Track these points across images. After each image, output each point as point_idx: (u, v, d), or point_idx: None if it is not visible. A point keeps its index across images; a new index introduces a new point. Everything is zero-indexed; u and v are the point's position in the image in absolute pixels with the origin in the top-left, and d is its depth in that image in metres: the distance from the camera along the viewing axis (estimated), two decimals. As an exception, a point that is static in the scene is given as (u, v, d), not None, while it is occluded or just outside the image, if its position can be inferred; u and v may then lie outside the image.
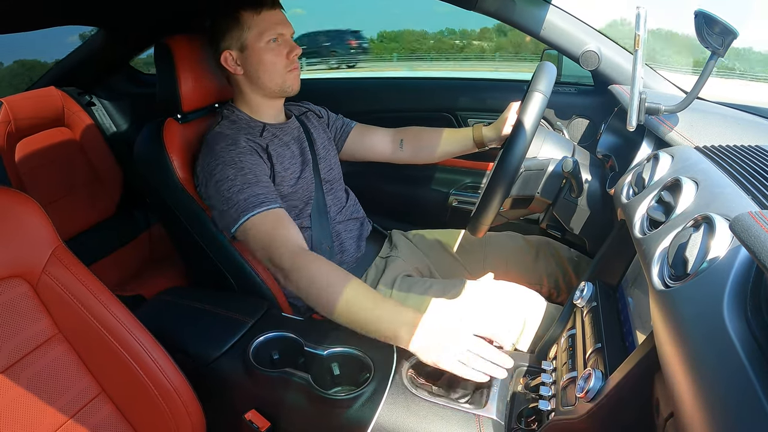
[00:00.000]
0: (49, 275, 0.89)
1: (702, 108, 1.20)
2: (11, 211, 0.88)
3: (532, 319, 1.19)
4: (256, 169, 1.17)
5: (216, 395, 1.06)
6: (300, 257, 1.06)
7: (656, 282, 0.61)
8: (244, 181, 1.14)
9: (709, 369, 0.45)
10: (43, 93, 1.99)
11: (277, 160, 1.25)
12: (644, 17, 0.96)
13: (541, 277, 1.49)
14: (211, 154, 1.19)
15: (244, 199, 1.12)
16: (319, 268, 1.04)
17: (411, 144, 1.55)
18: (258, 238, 1.11)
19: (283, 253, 1.07)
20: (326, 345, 1.03)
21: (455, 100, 1.94)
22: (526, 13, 1.47)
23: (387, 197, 2.06)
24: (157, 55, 1.28)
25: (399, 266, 1.43)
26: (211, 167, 1.17)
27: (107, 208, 2.15)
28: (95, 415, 0.92)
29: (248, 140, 1.21)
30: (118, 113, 2.28)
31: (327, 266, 1.05)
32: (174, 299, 1.25)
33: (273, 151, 1.25)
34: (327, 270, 1.04)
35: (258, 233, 1.11)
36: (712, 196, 0.70)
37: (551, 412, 0.82)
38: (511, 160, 1.12)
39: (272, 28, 1.22)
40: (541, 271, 1.49)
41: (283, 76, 1.26)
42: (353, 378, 1.02)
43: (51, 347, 0.90)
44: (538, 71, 1.18)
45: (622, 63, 1.47)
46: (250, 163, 1.17)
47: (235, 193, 1.13)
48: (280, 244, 1.08)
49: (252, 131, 1.27)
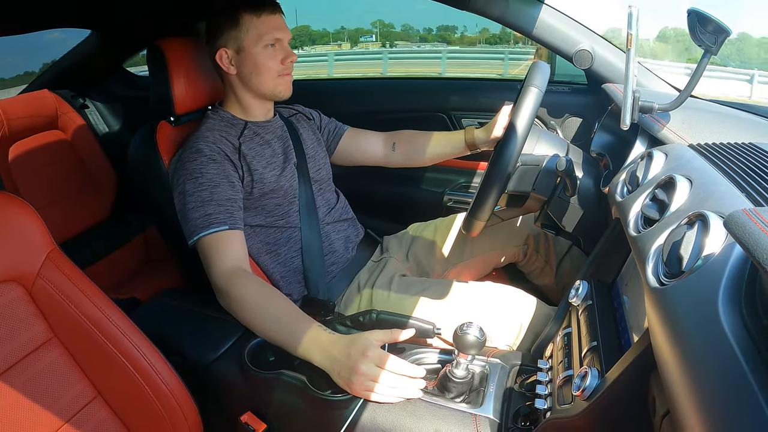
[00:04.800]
0: (44, 279, 0.89)
1: (695, 106, 1.21)
2: (5, 214, 0.88)
3: (527, 322, 1.19)
4: (215, 179, 1.18)
5: (212, 397, 1.06)
6: (230, 280, 1.10)
7: (651, 280, 0.61)
8: (198, 199, 1.15)
9: (705, 366, 0.45)
10: (36, 96, 1.98)
11: (254, 158, 1.25)
12: (636, 16, 0.97)
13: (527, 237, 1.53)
14: (179, 160, 1.21)
15: (195, 218, 1.15)
16: (246, 292, 1.08)
17: (403, 147, 1.55)
18: (203, 257, 1.15)
19: (217, 274, 1.11)
20: (323, 346, 1.03)
21: (449, 100, 1.94)
22: (519, 12, 1.47)
23: (381, 198, 2.06)
24: (149, 58, 1.28)
25: (393, 266, 1.43)
26: (176, 177, 1.20)
27: (101, 210, 2.14)
28: (91, 418, 0.91)
29: (216, 143, 1.21)
30: (112, 116, 2.27)
31: (253, 291, 1.08)
32: (169, 302, 1.24)
33: (250, 150, 1.26)
34: (252, 294, 1.07)
35: (202, 253, 1.14)
36: (706, 193, 0.70)
37: (548, 410, 0.82)
38: (507, 154, 1.12)
39: (270, 32, 1.22)
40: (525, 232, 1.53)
41: (275, 80, 1.27)
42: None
43: (46, 351, 0.89)
44: (532, 69, 1.18)
45: (616, 62, 1.47)
46: (211, 173, 1.18)
47: (189, 210, 1.16)
48: (216, 265, 1.12)
49: (231, 129, 1.27)
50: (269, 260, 1.30)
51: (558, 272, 1.49)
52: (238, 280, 1.09)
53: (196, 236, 1.13)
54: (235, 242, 1.16)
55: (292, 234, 1.32)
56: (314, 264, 1.33)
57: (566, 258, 1.48)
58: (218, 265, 1.11)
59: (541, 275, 1.54)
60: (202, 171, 1.17)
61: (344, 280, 1.40)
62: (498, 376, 0.97)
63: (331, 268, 1.38)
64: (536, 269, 1.55)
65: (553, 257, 1.50)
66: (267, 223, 1.29)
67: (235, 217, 1.17)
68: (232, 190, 1.19)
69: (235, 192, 1.20)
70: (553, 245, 1.50)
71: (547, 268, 1.52)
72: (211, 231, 1.13)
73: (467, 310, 1.22)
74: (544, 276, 1.54)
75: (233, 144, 1.24)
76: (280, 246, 1.31)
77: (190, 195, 1.16)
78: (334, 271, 1.39)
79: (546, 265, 1.52)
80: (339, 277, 1.39)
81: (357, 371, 0.90)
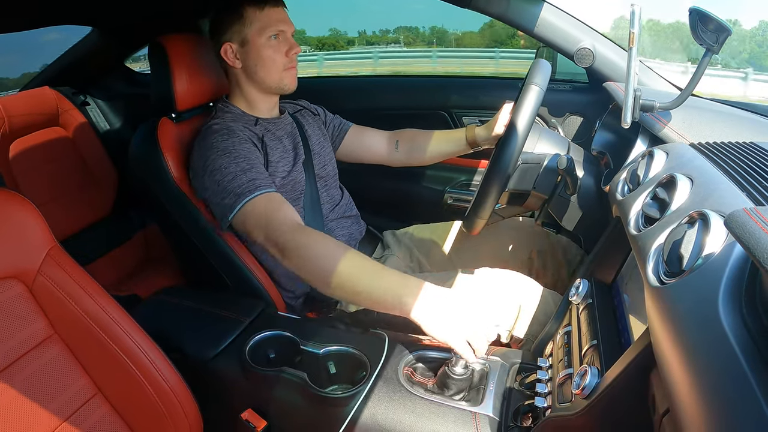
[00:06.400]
0: (45, 276, 0.89)
1: (696, 105, 1.21)
2: (6, 211, 0.88)
3: (527, 305, 1.19)
4: (250, 156, 1.17)
5: (212, 395, 1.06)
6: (297, 233, 1.04)
7: (651, 278, 0.61)
8: (238, 168, 1.13)
9: (705, 364, 0.45)
10: (37, 93, 1.98)
11: (271, 151, 1.25)
12: (638, 14, 0.97)
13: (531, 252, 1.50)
14: (205, 145, 1.19)
15: (239, 185, 1.12)
16: (316, 241, 1.02)
17: (406, 145, 1.56)
18: (255, 221, 1.10)
19: (281, 231, 1.06)
20: (322, 343, 1.03)
21: (450, 98, 1.94)
22: (521, 10, 1.47)
23: (382, 195, 2.06)
24: (151, 55, 1.28)
25: (393, 263, 1.43)
26: (205, 158, 1.17)
27: (102, 207, 2.14)
28: (92, 415, 0.92)
29: (243, 129, 1.22)
30: (113, 113, 2.27)
31: (323, 239, 1.03)
32: (170, 299, 1.24)
33: (268, 141, 1.26)
34: (323, 242, 1.02)
35: (255, 217, 1.10)
36: (707, 192, 0.70)
37: (547, 408, 0.82)
38: (508, 153, 1.11)
39: (274, 24, 1.23)
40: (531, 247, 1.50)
41: (280, 73, 1.27)
42: (349, 376, 1.02)
43: (47, 348, 0.89)
44: (533, 67, 1.18)
45: (617, 60, 1.47)
46: (244, 150, 1.17)
47: (229, 180, 1.13)
48: (278, 224, 1.07)
49: (246, 123, 1.27)
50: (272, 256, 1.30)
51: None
52: (306, 231, 1.06)
53: (243, 201, 1.10)
54: (287, 203, 1.13)
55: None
56: None
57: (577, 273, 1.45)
58: (280, 222, 1.07)
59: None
60: (236, 147, 1.16)
61: None
62: (498, 374, 0.97)
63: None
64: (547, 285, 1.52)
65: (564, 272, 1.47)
66: None
67: (277, 185, 1.15)
68: (264, 168, 1.19)
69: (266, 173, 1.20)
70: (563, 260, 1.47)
71: (559, 284, 1.47)
72: (258, 193, 1.11)
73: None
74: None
75: (256, 134, 1.25)
76: None
77: (226, 167, 1.13)
78: None
79: (558, 282, 1.48)
80: None
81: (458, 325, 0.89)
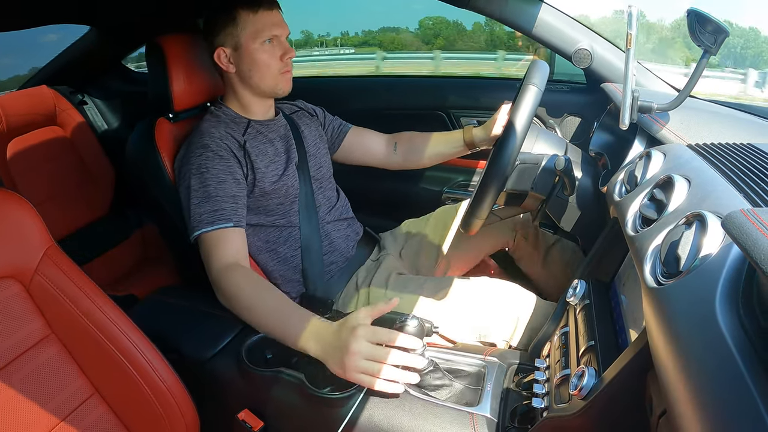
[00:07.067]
0: (42, 276, 0.89)
1: (694, 106, 1.21)
2: (3, 211, 0.87)
3: (524, 317, 1.19)
4: (221, 174, 1.18)
5: (209, 395, 1.05)
6: (222, 273, 1.11)
7: (649, 279, 0.62)
8: (203, 194, 1.16)
9: (702, 366, 0.45)
10: (34, 92, 1.98)
11: (257, 156, 1.25)
12: (636, 16, 0.97)
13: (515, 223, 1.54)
14: (185, 155, 1.21)
15: (200, 213, 1.15)
16: (235, 284, 1.09)
17: (404, 147, 1.56)
18: (203, 251, 1.15)
19: (214, 268, 1.12)
20: (320, 344, 1.03)
21: (448, 99, 1.94)
22: (518, 10, 1.47)
23: (380, 196, 2.05)
24: (148, 54, 1.28)
25: (390, 264, 1.43)
26: (182, 172, 1.20)
27: (100, 207, 2.14)
28: (89, 415, 0.91)
29: (222, 139, 1.21)
30: (111, 112, 2.27)
31: (249, 280, 1.09)
32: (167, 299, 1.24)
33: (253, 148, 1.25)
34: (239, 285, 1.08)
35: (204, 248, 1.15)
36: (705, 193, 0.71)
37: (545, 409, 0.82)
38: (506, 153, 1.11)
39: (268, 29, 1.22)
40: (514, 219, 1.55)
41: (275, 78, 1.26)
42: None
43: (44, 348, 0.89)
44: (531, 68, 1.18)
45: (615, 61, 1.47)
46: (217, 168, 1.18)
47: (195, 205, 1.16)
48: (215, 261, 1.13)
49: (235, 127, 1.27)
50: (268, 258, 1.30)
51: (546, 260, 1.49)
52: (233, 273, 1.10)
53: (199, 231, 1.14)
54: (236, 239, 1.16)
55: (292, 233, 1.32)
56: (313, 262, 1.33)
57: (555, 247, 1.48)
58: (217, 260, 1.12)
59: (530, 262, 1.55)
60: (208, 166, 1.17)
61: (343, 278, 1.40)
62: (495, 375, 0.97)
63: (330, 267, 1.38)
64: (525, 255, 1.56)
65: (541, 244, 1.51)
66: (267, 222, 1.29)
67: (239, 215, 1.18)
68: (236, 187, 1.19)
69: (240, 189, 1.20)
70: (542, 233, 1.50)
71: (535, 254, 1.52)
72: (215, 227, 1.14)
73: (464, 307, 1.22)
74: (533, 263, 1.54)
75: (238, 141, 1.24)
76: (280, 244, 1.31)
77: (195, 190, 1.16)
78: (333, 270, 1.39)
79: (534, 251, 1.52)
80: (338, 275, 1.39)
81: (348, 350, 0.89)
